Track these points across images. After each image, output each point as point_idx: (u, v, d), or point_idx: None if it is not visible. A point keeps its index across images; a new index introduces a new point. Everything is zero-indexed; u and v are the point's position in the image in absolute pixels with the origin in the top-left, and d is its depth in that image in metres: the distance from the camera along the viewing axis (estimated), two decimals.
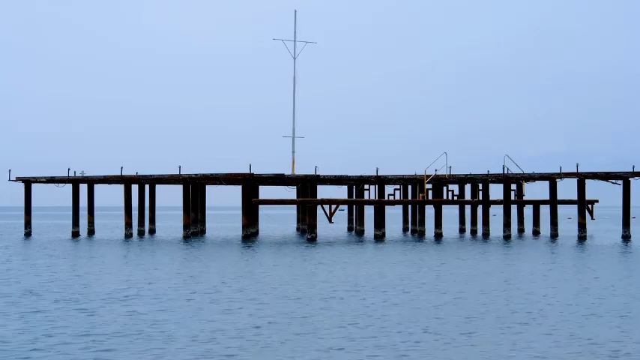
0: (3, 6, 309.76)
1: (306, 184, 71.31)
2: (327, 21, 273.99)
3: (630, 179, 65.50)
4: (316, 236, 66.74)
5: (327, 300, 27.04)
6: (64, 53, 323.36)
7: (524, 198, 76.85)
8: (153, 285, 31.88)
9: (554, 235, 69.77)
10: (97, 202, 77.80)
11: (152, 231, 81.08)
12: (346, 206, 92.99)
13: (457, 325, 21.65)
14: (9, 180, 74.96)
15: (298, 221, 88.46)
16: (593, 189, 73.67)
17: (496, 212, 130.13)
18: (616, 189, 67.12)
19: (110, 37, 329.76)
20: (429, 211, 77.31)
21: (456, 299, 27.25)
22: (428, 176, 69.49)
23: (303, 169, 77.18)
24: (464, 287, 30.93)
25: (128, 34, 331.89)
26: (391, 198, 75.18)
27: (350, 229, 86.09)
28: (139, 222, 76.97)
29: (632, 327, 21.58)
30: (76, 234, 75.66)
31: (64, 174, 74.50)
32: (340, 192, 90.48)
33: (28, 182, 75.52)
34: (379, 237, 68.13)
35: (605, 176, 65.97)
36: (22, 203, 76.83)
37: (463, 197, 77.19)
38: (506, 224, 71.00)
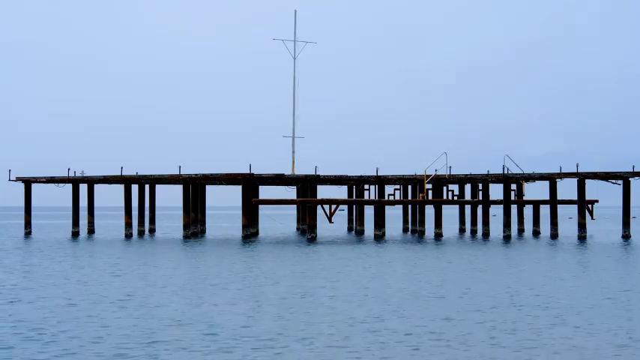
0: (3, 6, 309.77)
1: (306, 184, 71.32)
2: (327, 21, 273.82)
3: (630, 179, 65.51)
4: (316, 236, 66.76)
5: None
6: (64, 54, 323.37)
7: (524, 198, 76.85)
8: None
9: (554, 235, 69.77)
10: (97, 202, 77.83)
11: (152, 231, 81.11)
12: (346, 206, 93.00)
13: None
14: (9, 180, 75.04)
15: (298, 221, 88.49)
16: (593, 189, 73.61)
17: (496, 212, 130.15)
18: (616, 189, 67.22)
19: (110, 38, 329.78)
20: (429, 211, 77.31)
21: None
22: (428, 176, 69.50)
23: (303, 169, 77.29)
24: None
25: (128, 36, 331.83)
26: (391, 198, 75.18)
27: (350, 229, 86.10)
28: (139, 222, 77.00)
29: None
30: (76, 234, 75.72)
31: (64, 174, 74.55)
32: (340, 192, 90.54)
33: (28, 182, 75.54)
34: (379, 237, 68.15)
35: (605, 176, 65.98)
36: (22, 203, 76.89)
37: (463, 197, 77.18)
38: (506, 224, 70.98)
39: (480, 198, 72.59)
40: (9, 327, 21.44)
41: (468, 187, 78.95)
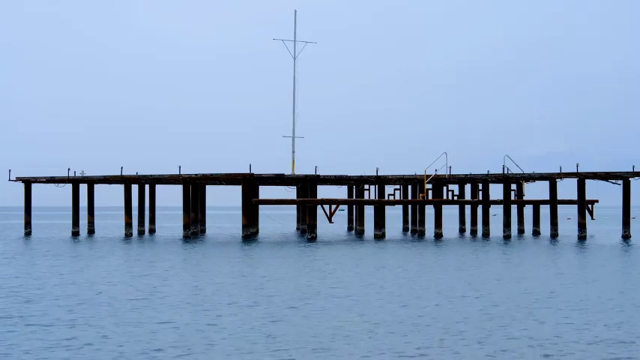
0: (3, 6, 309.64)
1: (306, 184, 71.31)
2: (327, 21, 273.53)
3: (630, 179, 65.50)
4: (316, 236, 66.74)
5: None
6: (64, 54, 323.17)
7: (524, 198, 76.83)
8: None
9: (554, 235, 69.79)
10: (97, 202, 77.81)
11: (152, 231, 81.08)
12: (346, 206, 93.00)
13: None
14: (9, 180, 75.07)
15: (298, 221, 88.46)
16: (593, 189, 73.58)
17: (496, 212, 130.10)
18: (616, 189, 67.20)
19: (110, 38, 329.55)
20: (429, 211, 77.29)
21: None
22: (428, 176, 69.49)
23: (303, 169, 77.25)
24: None
25: (128, 36, 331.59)
26: (391, 198, 75.17)
27: (350, 229, 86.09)
28: (139, 222, 76.98)
29: None
30: (76, 234, 75.74)
31: (64, 174, 74.56)
32: (340, 192, 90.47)
33: (28, 182, 75.55)
34: (379, 237, 68.12)
35: (605, 176, 65.96)
36: (22, 203, 76.90)
37: (463, 197, 77.17)
38: (506, 224, 70.97)
39: (480, 198, 72.57)
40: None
41: (468, 187, 78.95)
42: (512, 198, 74.38)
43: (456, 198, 74.80)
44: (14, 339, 19.69)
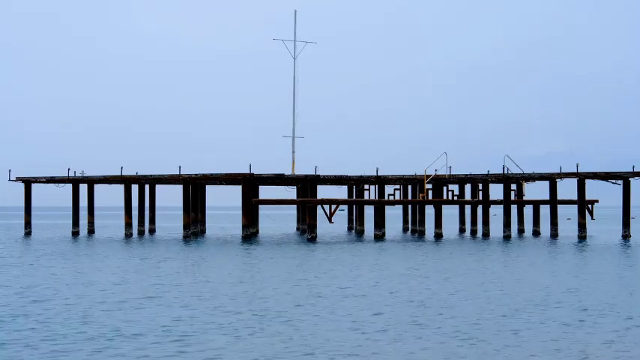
0: (4, 8, 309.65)
1: (306, 184, 71.31)
2: (327, 21, 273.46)
3: (630, 179, 65.50)
4: (316, 236, 66.74)
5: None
6: (65, 54, 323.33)
7: (524, 198, 76.83)
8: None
9: (554, 235, 69.80)
10: (97, 202, 77.78)
11: (152, 231, 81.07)
12: (346, 206, 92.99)
13: None
14: (9, 180, 75.08)
15: (298, 221, 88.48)
16: (593, 189, 73.61)
17: (496, 212, 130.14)
18: (616, 189, 67.21)
19: (110, 38, 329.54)
20: (429, 211, 77.30)
21: None
22: (428, 176, 69.49)
23: (303, 169, 77.22)
24: None
25: (128, 36, 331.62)
26: (391, 198, 75.18)
27: (350, 229, 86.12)
28: (139, 222, 76.98)
29: None
30: (76, 234, 75.75)
31: (64, 174, 74.56)
32: (340, 192, 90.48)
33: (28, 182, 75.56)
34: (379, 237, 68.14)
35: (605, 176, 65.97)
36: (22, 203, 76.89)
37: (463, 197, 77.17)
38: (506, 224, 70.98)
39: (480, 198, 72.57)
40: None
41: (468, 187, 78.96)
42: (512, 198, 74.37)
43: (456, 198, 74.80)
44: (23, 339, 19.74)
